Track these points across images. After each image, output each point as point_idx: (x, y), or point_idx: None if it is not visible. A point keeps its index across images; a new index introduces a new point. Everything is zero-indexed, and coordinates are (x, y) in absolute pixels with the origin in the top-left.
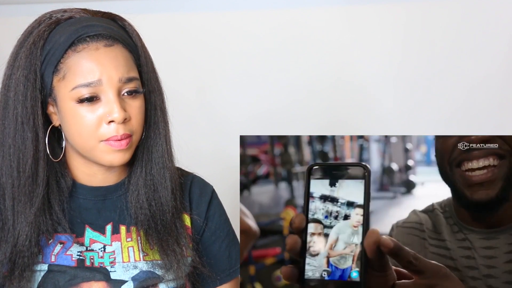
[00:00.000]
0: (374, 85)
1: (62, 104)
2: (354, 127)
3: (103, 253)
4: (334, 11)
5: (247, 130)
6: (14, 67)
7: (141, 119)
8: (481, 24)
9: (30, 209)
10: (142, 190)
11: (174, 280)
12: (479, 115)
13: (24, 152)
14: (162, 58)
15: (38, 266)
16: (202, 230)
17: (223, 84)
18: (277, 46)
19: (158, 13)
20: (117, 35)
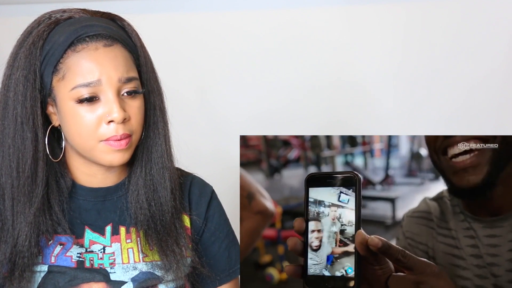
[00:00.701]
0: (374, 85)
1: (62, 104)
2: (354, 127)
3: (103, 254)
4: (334, 11)
5: (247, 130)
6: (14, 67)
7: (140, 119)
8: (481, 24)
9: (29, 209)
10: (142, 190)
11: (174, 280)
12: (479, 115)
13: (24, 152)
14: (162, 58)
15: (38, 267)
16: (202, 231)
17: (223, 84)
18: (277, 46)
19: (158, 13)
20: (117, 35)
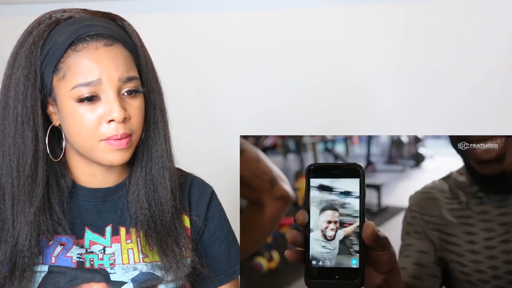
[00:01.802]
0: (374, 85)
1: (62, 104)
2: (354, 127)
3: (103, 255)
4: (334, 11)
5: (247, 130)
6: (14, 67)
7: (141, 118)
8: (481, 24)
9: (29, 208)
10: (142, 190)
11: (174, 281)
12: (479, 115)
13: (24, 152)
14: (162, 58)
15: (39, 267)
16: (202, 231)
17: (223, 84)
18: (277, 46)
19: (158, 13)
20: (117, 35)
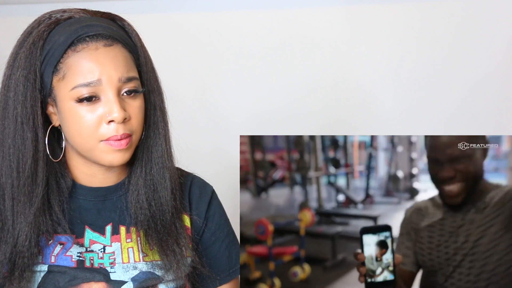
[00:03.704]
0: (374, 85)
1: (62, 104)
2: (354, 126)
3: (103, 254)
4: (334, 11)
5: (247, 130)
6: (14, 67)
7: (141, 118)
8: (481, 24)
9: (29, 209)
10: (142, 190)
11: (174, 280)
12: (479, 115)
13: (24, 152)
14: (162, 58)
15: (38, 267)
16: (202, 231)
17: (223, 84)
18: (277, 46)
19: (158, 13)
20: (117, 35)
